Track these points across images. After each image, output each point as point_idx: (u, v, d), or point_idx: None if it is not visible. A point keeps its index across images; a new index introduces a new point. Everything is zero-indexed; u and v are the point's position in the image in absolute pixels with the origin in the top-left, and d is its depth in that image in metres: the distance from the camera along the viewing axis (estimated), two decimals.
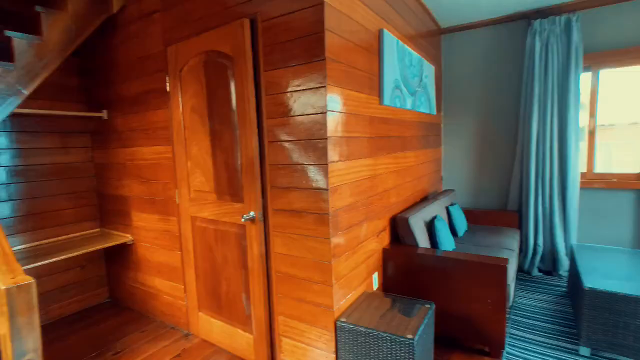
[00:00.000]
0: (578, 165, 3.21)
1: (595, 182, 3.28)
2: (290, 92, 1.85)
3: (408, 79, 2.73)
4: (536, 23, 3.24)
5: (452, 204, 3.31)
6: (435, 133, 3.67)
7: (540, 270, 3.44)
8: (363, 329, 1.79)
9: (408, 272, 2.40)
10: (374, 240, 2.35)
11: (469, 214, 3.63)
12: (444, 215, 3.09)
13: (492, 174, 3.75)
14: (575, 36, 3.11)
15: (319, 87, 1.75)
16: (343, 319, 1.87)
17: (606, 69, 3.24)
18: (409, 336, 1.69)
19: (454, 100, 3.88)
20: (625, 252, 2.74)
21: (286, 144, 1.90)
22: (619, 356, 2.15)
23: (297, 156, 1.86)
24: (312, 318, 1.95)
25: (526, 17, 3.37)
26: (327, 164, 1.77)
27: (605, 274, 2.33)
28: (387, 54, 2.34)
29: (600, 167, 3.38)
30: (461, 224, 3.19)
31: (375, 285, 2.38)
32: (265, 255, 2.07)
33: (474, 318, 2.20)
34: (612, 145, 3.56)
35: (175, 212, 2.49)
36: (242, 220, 1.97)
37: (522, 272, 3.46)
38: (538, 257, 3.36)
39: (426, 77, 3.18)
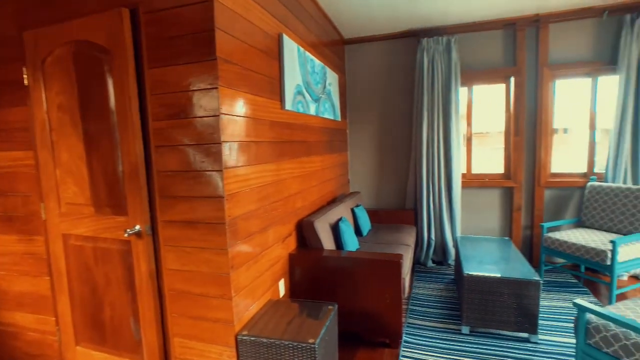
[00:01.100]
0: (460, 167, 3.67)
1: (472, 182, 3.79)
2: (179, 92, 1.70)
3: (311, 85, 2.78)
4: (424, 41, 3.61)
5: (357, 206, 3.47)
6: (340, 138, 3.81)
7: (434, 262, 3.83)
8: (265, 340, 1.73)
9: (315, 275, 2.42)
10: (280, 246, 2.31)
11: (373, 214, 3.85)
12: (350, 217, 3.22)
13: (392, 176, 4.05)
14: (454, 55, 3.55)
15: (211, 88, 1.64)
16: (244, 333, 1.78)
17: (478, 85, 3.78)
18: (311, 341, 1.68)
19: (358, 108, 4.10)
20: (494, 240, 3.21)
21: (176, 149, 1.74)
22: (489, 329, 2.49)
23: (189, 162, 1.72)
24: (212, 335, 1.81)
25: (416, 35, 3.73)
26: (222, 170, 1.67)
27: (480, 261, 2.68)
28: (288, 59, 2.34)
29: (476, 169, 3.91)
30: (365, 224, 3.36)
31: (282, 292, 2.34)
32: (156, 273, 1.86)
33: (375, 313, 2.32)
34: (486, 150, 4.15)
35: (42, 231, 2.09)
36: (126, 235, 1.74)
37: (420, 264, 3.81)
38: (432, 250, 3.73)
39: (330, 85, 3.28)
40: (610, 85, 3.43)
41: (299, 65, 2.53)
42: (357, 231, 3.30)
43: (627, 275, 3.33)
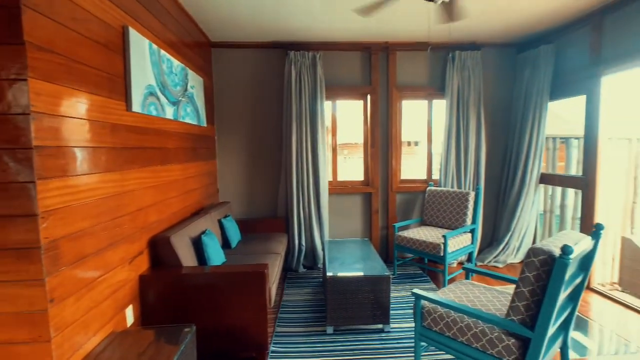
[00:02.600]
0: (326, 175, 3.90)
1: (338, 188, 4.08)
2: None
3: (168, 86, 2.55)
4: (291, 54, 3.74)
5: (225, 216, 3.32)
6: (207, 145, 3.61)
7: (305, 267, 3.95)
8: None
9: (172, 296, 2.19)
10: (127, 268, 2.01)
11: (243, 224, 3.76)
12: (216, 229, 3.06)
13: (263, 184, 4.04)
14: (320, 70, 3.79)
15: (16, 80, 1.32)
16: None
17: (341, 100, 4.12)
18: None
19: (228, 114, 3.97)
20: (356, 242, 3.51)
21: None
22: (351, 325, 2.68)
23: None
24: None
25: (284, 47, 3.85)
26: (34, 182, 1.35)
27: (342, 262, 2.88)
28: (136, 56, 2.08)
29: (348, 176, 4.24)
30: (234, 235, 3.25)
31: (131, 321, 2.04)
32: None
33: (241, 327, 2.23)
34: (354, 159, 4.53)
35: None
36: None
37: (291, 270, 3.88)
38: (303, 256, 3.85)
39: (193, 88, 3.08)
40: (442, 108, 4.19)
41: (152, 64, 2.29)
42: (226, 243, 3.16)
43: (456, 262, 4.07)
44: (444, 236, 3.25)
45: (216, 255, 2.59)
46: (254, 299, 2.23)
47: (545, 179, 3.91)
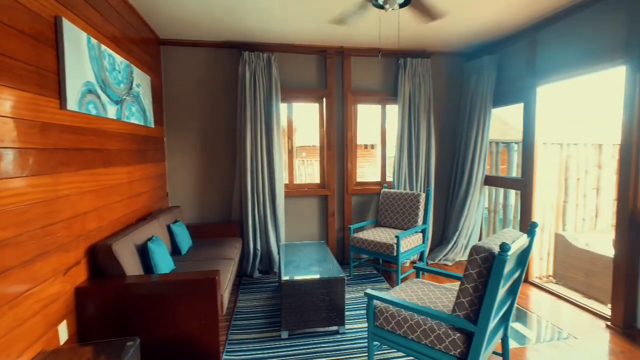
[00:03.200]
0: (282, 178, 3.87)
1: (294, 191, 4.06)
2: None
3: (110, 84, 2.38)
4: (245, 54, 3.67)
5: (175, 222, 3.17)
6: (155, 147, 3.43)
7: (260, 272, 3.88)
8: None
9: (115, 308, 2.03)
10: (60, 280, 1.84)
11: (195, 229, 3.61)
12: (165, 235, 2.91)
13: (217, 187, 3.92)
14: (275, 72, 3.75)
15: None
16: None
17: (297, 103, 4.11)
18: None
19: (179, 115, 3.80)
20: (312, 244, 3.51)
21: None
22: (306, 329, 2.66)
23: None
24: None
25: (239, 47, 3.77)
26: None
27: (297, 266, 2.86)
28: (72, 50, 1.92)
29: (299, 179, 4.22)
30: (185, 241, 3.11)
31: (64, 338, 1.86)
32: None
33: (191, 337, 2.13)
34: (308, 162, 4.53)
35: None
36: None
37: (246, 276, 3.79)
38: (258, 260, 3.78)
39: (139, 86, 2.91)
40: (395, 112, 4.32)
41: (91, 60, 2.12)
42: (175, 250, 3.01)
43: (409, 261, 4.21)
44: (396, 236, 3.35)
45: (164, 263, 2.45)
46: (205, 307, 2.14)
47: (489, 180, 4.17)
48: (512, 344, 2.47)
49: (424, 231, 3.84)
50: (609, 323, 2.71)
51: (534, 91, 3.44)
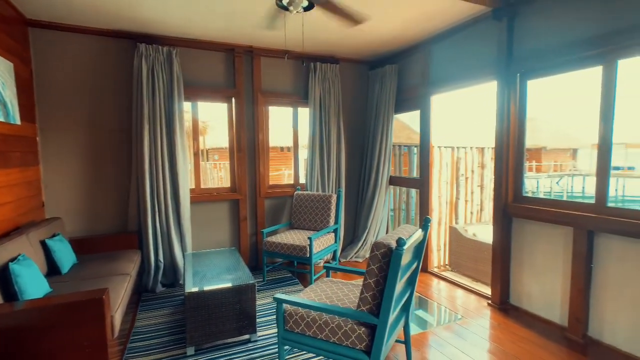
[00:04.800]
0: (188, 182, 3.59)
1: (202, 196, 3.81)
2: None
3: None
4: (142, 46, 3.31)
5: (53, 236, 2.69)
6: (24, 148, 2.86)
7: (164, 285, 3.53)
8: None
9: None
10: None
11: (82, 242, 3.12)
12: (37, 253, 2.44)
13: (109, 194, 3.45)
14: (177, 68, 3.47)
15: None
16: None
17: (202, 102, 3.87)
18: None
19: (58, 111, 3.24)
20: (222, 252, 3.31)
21: None
22: (215, 341, 2.49)
23: None
24: None
25: (133, 38, 3.39)
26: None
27: (204, 276, 2.66)
28: None
29: (209, 183, 3.98)
30: (67, 258, 2.65)
31: None
32: None
33: None
34: (221, 164, 4.28)
35: None
36: None
37: (148, 291, 3.41)
38: (161, 273, 3.43)
39: None
40: (307, 115, 4.37)
41: None
42: (54, 269, 2.55)
43: (322, 261, 4.29)
44: (309, 238, 3.37)
45: (34, 286, 2.04)
46: (90, 332, 1.84)
47: (393, 180, 4.49)
48: (415, 330, 2.67)
49: (335, 231, 3.94)
50: (489, 302, 3.12)
51: (428, 100, 3.81)
